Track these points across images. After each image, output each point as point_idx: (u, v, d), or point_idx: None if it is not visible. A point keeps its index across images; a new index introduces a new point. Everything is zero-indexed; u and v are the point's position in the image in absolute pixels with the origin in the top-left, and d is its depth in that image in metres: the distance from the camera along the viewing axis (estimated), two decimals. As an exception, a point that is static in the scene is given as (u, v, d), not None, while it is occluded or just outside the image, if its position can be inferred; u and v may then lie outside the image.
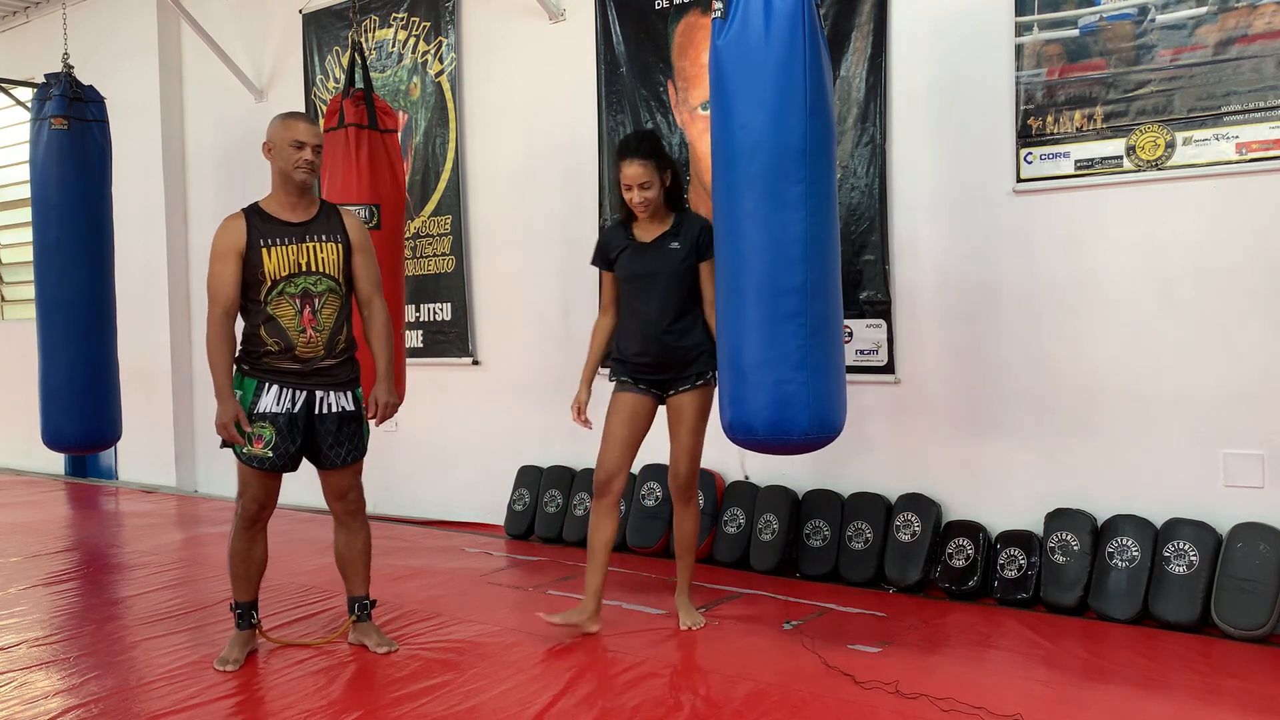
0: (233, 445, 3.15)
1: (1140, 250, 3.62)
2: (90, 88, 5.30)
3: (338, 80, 5.98)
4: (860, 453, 4.20)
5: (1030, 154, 3.81)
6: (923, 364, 4.09)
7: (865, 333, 4.18)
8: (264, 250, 3.12)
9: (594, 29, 4.99)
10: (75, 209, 5.19)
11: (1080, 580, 3.59)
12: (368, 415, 3.37)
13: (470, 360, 5.58)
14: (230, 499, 6.53)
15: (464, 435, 5.62)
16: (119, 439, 5.55)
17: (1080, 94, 3.69)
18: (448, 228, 5.63)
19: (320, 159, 3.23)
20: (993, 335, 3.92)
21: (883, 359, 4.15)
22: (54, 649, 3.45)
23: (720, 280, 3.21)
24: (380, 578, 4.16)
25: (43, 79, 5.31)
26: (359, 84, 4.39)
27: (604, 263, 3.57)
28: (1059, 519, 3.72)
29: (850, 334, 4.18)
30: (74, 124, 5.16)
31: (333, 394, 3.24)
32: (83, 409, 5.22)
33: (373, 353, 3.37)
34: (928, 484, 4.06)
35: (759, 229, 3.06)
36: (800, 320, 3.03)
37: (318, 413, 3.22)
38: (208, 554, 4.90)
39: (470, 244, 5.58)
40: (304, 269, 3.16)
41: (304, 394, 3.19)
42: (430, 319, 5.71)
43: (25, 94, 5.71)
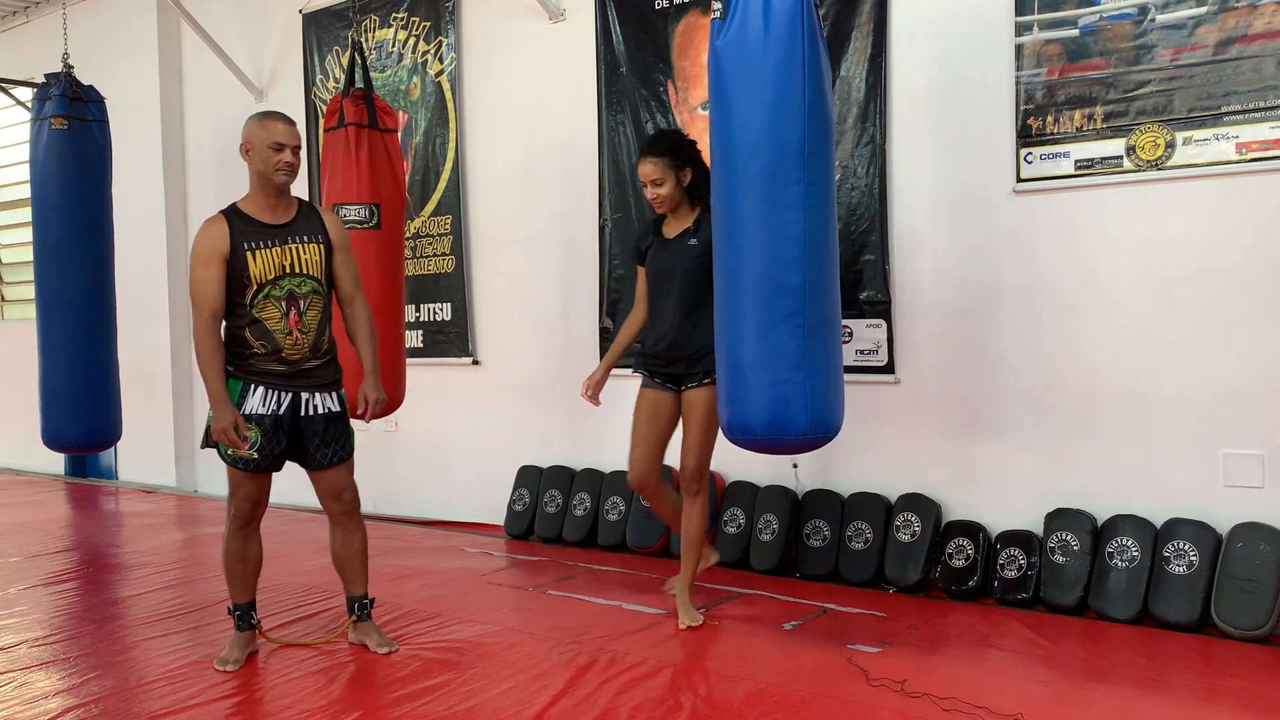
0: (216, 446, 3.12)
1: (1140, 250, 3.62)
2: (90, 88, 5.30)
3: (338, 80, 5.98)
4: (860, 453, 4.20)
5: (1030, 154, 3.81)
6: (923, 364, 4.09)
7: (865, 333, 4.18)
8: (248, 254, 3.09)
9: (594, 29, 4.99)
10: (75, 209, 5.19)
11: (1080, 580, 3.59)
12: (357, 413, 3.35)
13: (470, 360, 5.58)
14: (230, 499, 6.55)
15: (464, 435, 5.62)
16: (119, 439, 5.54)
17: (1080, 94, 3.69)
18: (448, 228, 5.63)
19: (299, 159, 3.20)
20: (993, 335, 3.92)
21: (883, 359, 4.15)
22: (54, 649, 3.45)
23: (719, 280, 3.22)
24: (380, 578, 4.17)
25: (43, 79, 5.31)
26: (359, 83, 4.39)
27: (638, 257, 3.72)
28: (1059, 519, 3.72)
29: (850, 334, 4.19)
30: (74, 124, 5.16)
31: (318, 395, 3.23)
32: (83, 409, 5.21)
33: (358, 351, 3.36)
34: (928, 484, 4.06)
35: (757, 229, 3.07)
36: (798, 320, 3.04)
37: (304, 414, 3.21)
38: (208, 554, 4.90)
39: (470, 244, 5.58)
40: (288, 271, 3.15)
41: (290, 396, 3.18)
42: (430, 319, 5.71)
43: (25, 94, 5.71)
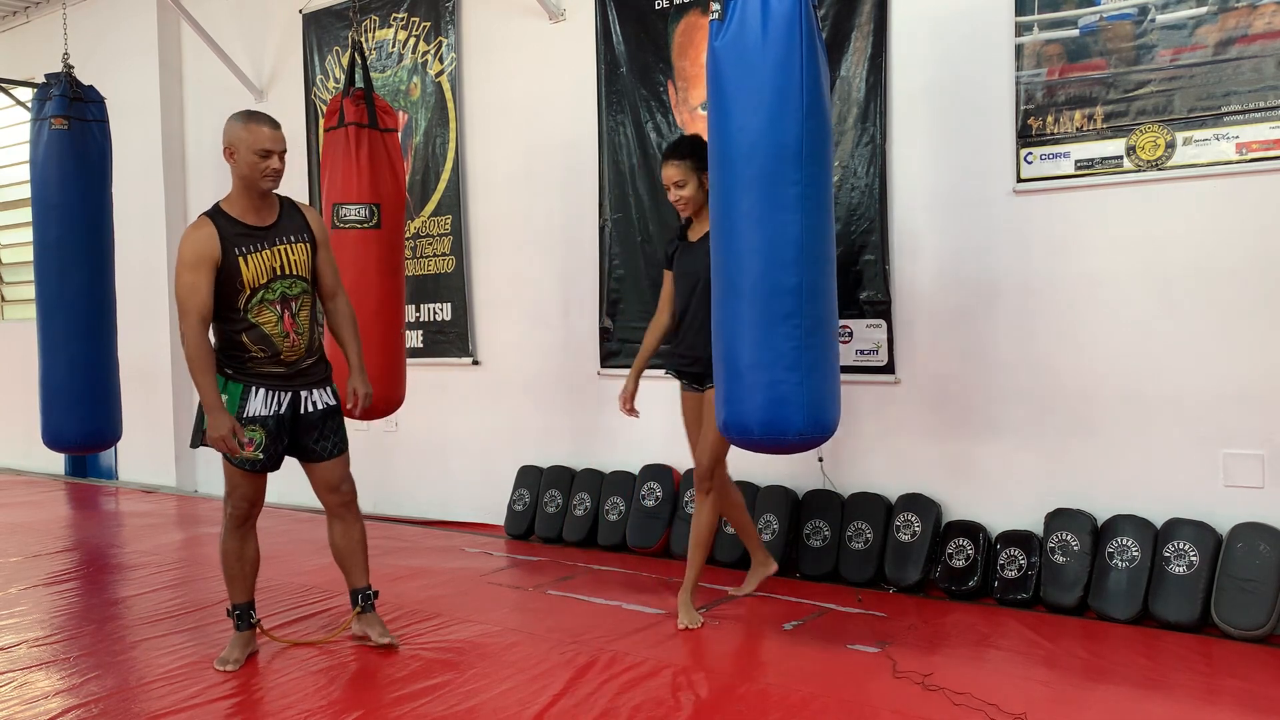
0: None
1: (1140, 250, 3.62)
2: (90, 88, 5.30)
3: (338, 80, 5.98)
4: (860, 453, 4.20)
5: (1030, 154, 3.81)
6: (923, 364, 4.08)
7: (865, 333, 4.18)
8: (240, 259, 3.07)
9: (594, 29, 4.99)
10: (75, 209, 5.19)
11: (1080, 580, 3.59)
12: (346, 407, 3.38)
13: (470, 360, 5.58)
14: (230, 499, 6.55)
15: (464, 435, 5.62)
16: (119, 439, 5.54)
17: (1080, 94, 3.69)
18: (448, 228, 5.63)
19: (284, 164, 3.15)
20: (992, 335, 3.92)
21: (883, 359, 4.15)
22: (54, 649, 3.45)
23: (716, 281, 3.23)
24: (380, 578, 4.16)
25: (43, 79, 5.31)
26: (359, 83, 4.39)
27: (666, 262, 3.80)
28: (1059, 519, 3.72)
29: (850, 334, 4.19)
30: (74, 124, 5.16)
31: (315, 392, 3.27)
32: (83, 409, 5.21)
33: (344, 347, 3.38)
34: (928, 484, 4.06)
35: (755, 230, 3.09)
36: (795, 321, 3.06)
37: (303, 411, 3.23)
38: (208, 554, 4.90)
39: (470, 244, 5.58)
40: (280, 273, 3.14)
41: (289, 395, 3.20)
42: (430, 319, 5.71)
43: (25, 94, 5.71)
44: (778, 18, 3.03)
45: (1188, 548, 3.43)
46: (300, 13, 6.28)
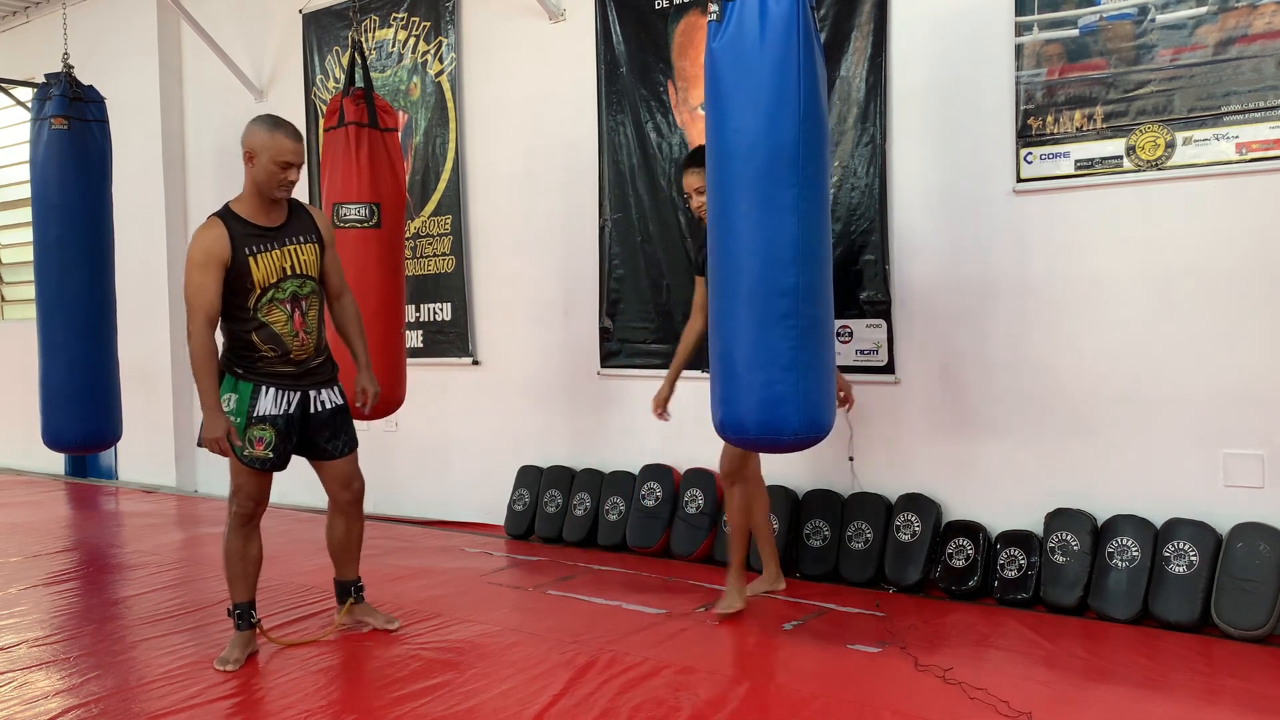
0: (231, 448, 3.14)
1: (1140, 250, 3.62)
2: (90, 88, 5.30)
3: (338, 80, 5.98)
4: (860, 453, 4.20)
5: (1030, 154, 3.81)
6: (923, 364, 4.08)
7: (865, 333, 4.18)
8: (250, 259, 3.10)
9: (594, 29, 4.99)
10: (75, 209, 5.19)
11: (1080, 580, 3.59)
12: (355, 405, 3.43)
13: (470, 360, 5.58)
14: (230, 499, 6.54)
15: (464, 435, 5.62)
16: (119, 439, 5.54)
17: (1080, 94, 3.69)
18: (448, 228, 5.63)
19: (300, 174, 3.22)
20: (992, 335, 3.92)
21: (883, 359, 4.15)
22: (54, 649, 3.45)
23: (713, 282, 3.24)
24: (380, 578, 4.17)
25: (43, 79, 5.31)
26: (359, 83, 4.39)
27: (697, 268, 3.77)
28: (1059, 519, 3.72)
29: (850, 334, 4.19)
30: (74, 124, 5.16)
31: (323, 391, 3.31)
32: (83, 409, 5.21)
33: (351, 345, 3.44)
34: (928, 484, 4.06)
35: (752, 231, 3.10)
36: (791, 322, 3.07)
37: (313, 410, 3.27)
38: (208, 554, 4.90)
39: (470, 244, 5.58)
40: (289, 273, 3.18)
41: (299, 394, 3.23)
42: (430, 319, 5.71)
43: (25, 94, 5.71)
44: (775, 19, 3.04)
45: (1188, 548, 3.43)
46: (300, 13, 6.28)
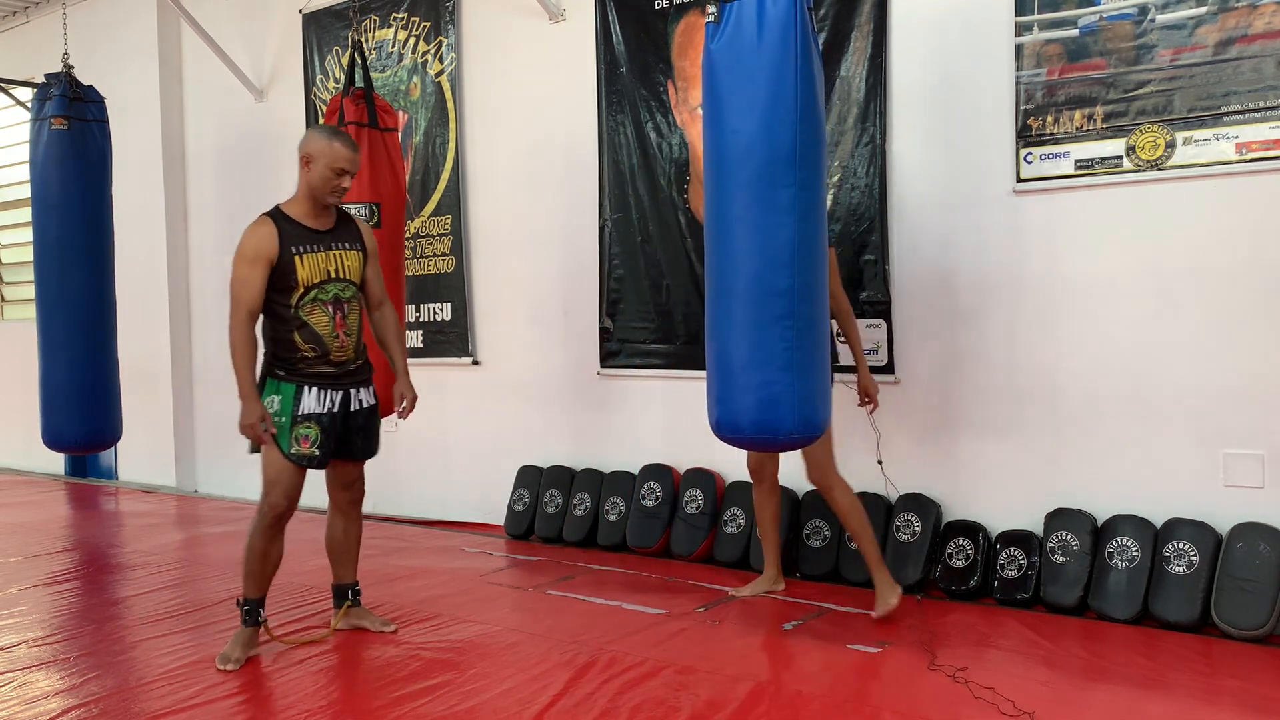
0: (277, 444, 3.19)
1: (1140, 250, 3.62)
2: (90, 88, 5.30)
3: (338, 80, 5.98)
4: (860, 453, 4.20)
5: (1030, 154, 3.81)
6: (922, 364, 4.09)
7: (865, 333, 4.17)
8: (296, 257, 3.20)
9: (594, 29, 4.99)
10: (75, 209, 5.19)
11: (1080, 580, 3.59)
12: (395, 409, 3.51)
13: (470, 360, 5.58)
14: (231, 499, 6.56)
15: (464, 435, 5.62)
16: (119, 439, 5.55)
17: (1080, 94, 3.69)
18: (448, 228, 5.63)
19: (351, 184, 3.33)
20: (992, 334, 3.92)
21: (883, 359, 4.15)
22: (54, 649, 3.45)
23: (710, 282, 3.25)
24: (380, 578, 4.17)
25: (43, 79, 5.31)
26: (359, 83, 4.39)
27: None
28: (1059, 519, 3.72)
29: (850, 334, 4.19)
30: (74, 124, 5.16)
31: (362, 391, 3.39)
32: (83, 409, 5.22)
33: (390, 352, 3.53)
34: (928, 484, 4.06)
35: (748, 232, 3.11)
36: (787, 323, 3.08)
37: (352, 409, 3.35)
38: (208, 554, 4.90)
39: (470, 244, 5.58)
40: (333, 276, 3.27)
41: (340, 394, 3.31)
42: (430, 319, 5.71)
43: (25, 94, 5.71)
44: (773, 21, 3.05)
45: (1188, 548, 3.43)
46: (300, 13, 6.27)
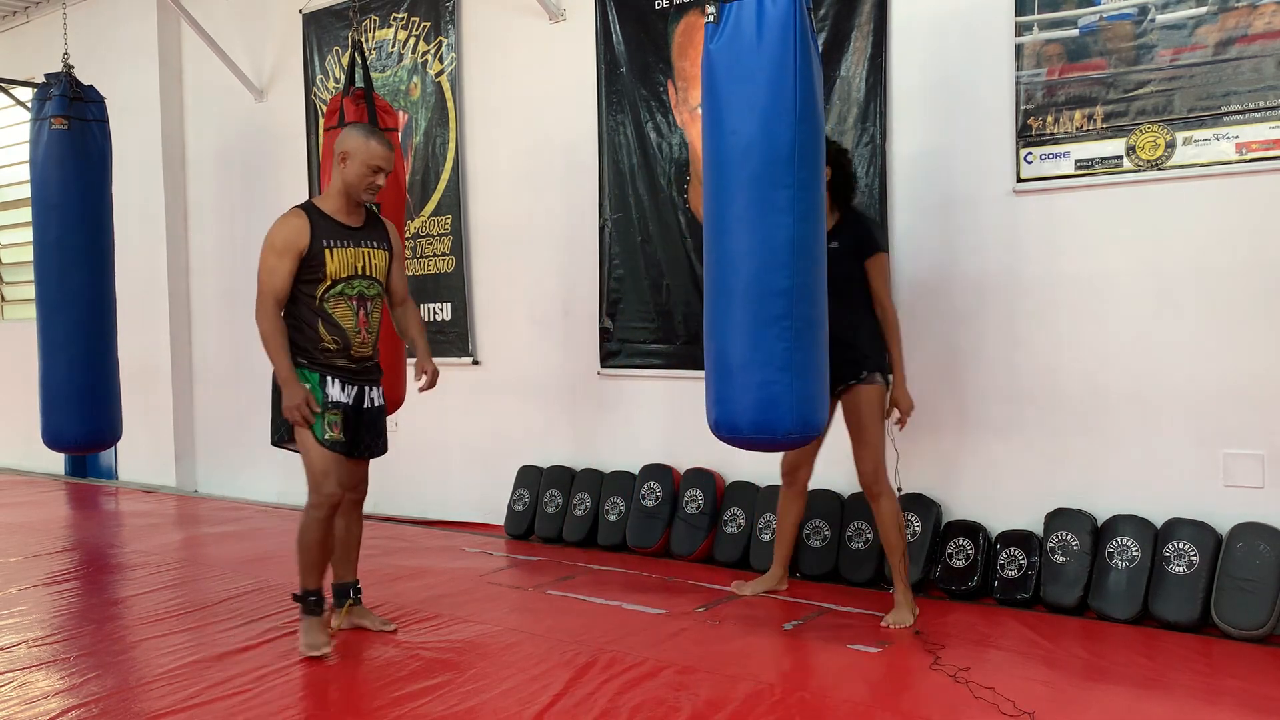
0: (312, 430, 3.21)
1: (1140, 250, 3.62)
2: (90, 88, 5.30)
3: (338, 80, 5.98)
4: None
5: (1030, 154, 3.81)
6: (922, 363, 4.08)
7: (865, 333, 4.17)
8: (326, 250, 3.25)
9: (594, 29, 4.99)
10: (75, 209, 5.19)
11: (1080, 580, 3.59)
12: (418, 381, 3.56)
13: (470, 360, 5.58)
14: (231, 499, 6.56)
15: (464, 435, 5.62)
16: (119, 439, 5.55)
17: (1080, 94, 3.69)
18: (448, 228, 5.63)
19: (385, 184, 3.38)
20: (992, 334, 3.92)
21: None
22: (54, 649, 3.44)
23: (709, 282, 3.25)
24: (380, 578, 4.17)
25: (43, 79, 5.31)
26: (359, 83, 4.39)
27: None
28: (1059, 519, 3.72)
29: (850, 334, 4.18)
30: (74, 124, 5.16)
31: (373, 390, 3.44)
32: (83, 409, 5.22)
33: (415, 341, 3.61)
34: (928, 484, 4.06)
35: (747, 232, 3.11)
36: (786, 323, 3.09)
37: (365, 405, 3.40)
38: (208, 554, 4.90)
39: (470, 244, 5.58)
40: (359, 272, 3.32)
41: (356, 389, 3.36)
42: (430, 319, 5.71)
43: (25, 94, 5.71)
44: (772, 22, 3.05)
45: (1188, 548, 3.43)
46: (300, 13, 6.27)
